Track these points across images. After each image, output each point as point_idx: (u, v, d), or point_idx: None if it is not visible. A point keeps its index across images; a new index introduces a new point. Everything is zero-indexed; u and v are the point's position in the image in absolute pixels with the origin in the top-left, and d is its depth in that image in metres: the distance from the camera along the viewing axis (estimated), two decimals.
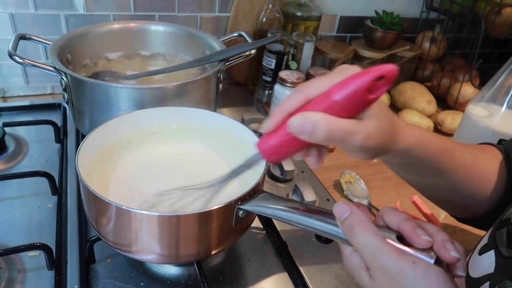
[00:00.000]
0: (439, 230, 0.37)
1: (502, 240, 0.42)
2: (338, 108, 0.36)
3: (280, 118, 0.38)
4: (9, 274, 0.55)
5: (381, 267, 0.35)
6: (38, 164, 0.75)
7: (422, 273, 0.34)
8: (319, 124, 0.35)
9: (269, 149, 0.39)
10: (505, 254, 0.41)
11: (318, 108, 0.36)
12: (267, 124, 0.39)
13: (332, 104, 0.36)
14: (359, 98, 0.35)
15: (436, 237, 0.36)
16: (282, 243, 0.63)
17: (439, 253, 0.35)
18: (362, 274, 0.37)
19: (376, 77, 0.34)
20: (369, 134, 0.37)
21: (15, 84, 0.96)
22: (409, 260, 0.35)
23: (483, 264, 0.44)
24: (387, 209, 0.39)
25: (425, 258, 0.35)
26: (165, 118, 0.64)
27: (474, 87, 1.06)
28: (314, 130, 0.35)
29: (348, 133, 0.36)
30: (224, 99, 1.01)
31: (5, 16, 0.87)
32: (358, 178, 0.80)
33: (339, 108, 0.36)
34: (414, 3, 1.21)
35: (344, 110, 0.36)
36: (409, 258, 0.35)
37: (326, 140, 0.36)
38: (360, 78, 0.35)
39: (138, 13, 0.96)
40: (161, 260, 0.51)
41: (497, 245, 0.43)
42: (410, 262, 0.34)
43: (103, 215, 0.48)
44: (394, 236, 0.37)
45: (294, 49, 0.98)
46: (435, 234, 0.36)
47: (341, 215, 0.39)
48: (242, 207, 0.47)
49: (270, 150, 0.40)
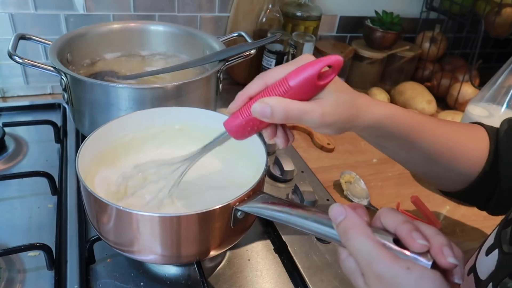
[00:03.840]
0: (437, 233, 0.36)
1: (505, 238, 0.42)
2: (293, 92, 0.42)
3: (243, 101, 0.45)
4: (9, 274, 0.55)
5: (375, 273, 0.34)
6: (38, 164, 0.75)
7: (417, 279, 0.33)
8: (276, 107, 0.42)
9: (234, 127, 0.46)
10: (506, 250, 0.41)
11: (275, 93, 0.43)
12: (231, 106, 0.46)
13: (287, 89, 0.42)
14: (310, 84, 0.42)
15: (434, 241, 0.35)
16: (282, 243, 0.63)
17: (436, 258, 0.34)
18: (357, 279, 0.36)
19: (324, 66, 0.40)
20: (323, 111, 0.43)
21: (15, 84, 0.96)
22: (404, 266, 0.33)
23: (489, 264, 0.43)
24: (384, 211, 0.39)
25: (422, 261, 0.34)
26: (167, 119, 0.64)
27: (474, 87, 1.06)
28: (273, 112, 0.42)
29: (303, 113, 0.43)
30: (224, 99, 1.00)
31: (5, 16, 0.86)
32: (358, 178, 0.80)
33: (294, 92, 0.42)
34: (414, 3, 1.21)
35: (298, 94, 0.42)
36: (404, 264, 0.33)
37: (285, 119, 0.43)
38: (310, 67, 0.41)
39: (138, 13, 0.96)
40: (161, 261, 0.51)
41: (501, 244, 0.43)
42: (405, 268, 0.33)
43: (103, 216, 0.48)
44: (391, 238, 0.36)
45: (294, 49, 0.98)
46: (432, 237, 0.35)
47: (336, 218, 0.38)
48: (239, 208, 0.47)
49: (235, 129, 0.46)
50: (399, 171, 0.86)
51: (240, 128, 0.46)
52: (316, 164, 0.85)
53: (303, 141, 0.93)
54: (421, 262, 0.34)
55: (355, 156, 0.90)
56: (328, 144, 0.90)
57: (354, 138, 0.97)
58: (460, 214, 0.77)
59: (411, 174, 0.86)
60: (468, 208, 0.78)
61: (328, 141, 0.91)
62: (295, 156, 0.84)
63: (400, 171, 0.86)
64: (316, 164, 0.85)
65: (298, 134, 0.96)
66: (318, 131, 0.46)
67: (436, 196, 0.81)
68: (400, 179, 0.85)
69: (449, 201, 0.80)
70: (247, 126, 0.45)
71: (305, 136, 0.95)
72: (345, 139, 0.96)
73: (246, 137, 0.47)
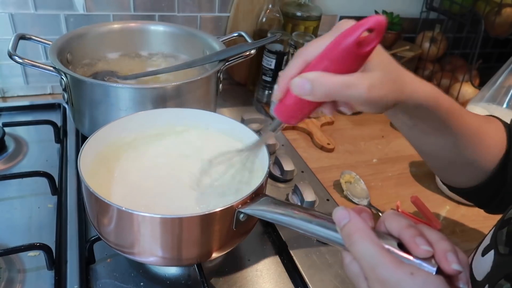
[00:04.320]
0: (442, 238, 0.35)
1: (501, 239, 0.42)
2: (335, 66, 0.37)
3: (285, 84, 0.40)
4: (9, 274, 0.55)
5: (378, 278, 0.34)
6: (38, 164, 0.75)
7: (420, 285, 0.32)
8: (316, 81, 0.37)
9: (284, 113, 0.42)
10: (501, 251, 0.41)
11: (316, 69, 0.38)
12: (275, 92, 0.42)
13: (328, 63, 0.38)
14: (352, 53, 0.37)
15: (438, 247, 0.34)
16: (282, 243, 0.63)
17: (440, 264, 0.33)
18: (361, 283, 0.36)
19: (363, 31, 0.35)
20: (370, 84, 0.38)
21: (15, 84, 0.96)
22: (407, 271, 0.33)
23: (485, 265, 0.43)
24: (388, 214, 0.38)
25: (426, 266, 0.33)
26: (169, 120, 0.64)
27: (474, 87, 1.06)
28: (313, 88, 0.37)
29: (347, 86, 0.37)
30: (224, 99, 1.01)
31: (5, 16, 0.86)
32: (358, 178, 0.80)
33: (336, 66, 0.37)
34: (414, 3, 1.21)
35: (341, 67, 0.37)
36: (408, 269, 0.33)
37: (328, 96, 0.38)
38: (348, 35, 0.36)
39: (138, 13, 0.96)
40: (162, 263, 0.51)
41: (496, 245, 0.43)
42: (408, 274, 0.33)
43: (104, 217, 0.48)
44: (395, 243, 0.35)
45: (294, 49, 0.98)
46: (436, 243, 0.34)
47: (340, 222, 0.37)
48: (242, 210, 0.47)
49: (285, 114, 0.42)
50: (399, 171, 0.86)
51: (290, 112, 0.42)
52: (316, 164, 0.85)
53: (303, 141, 0.93)
54: (426, 267, 0.33)
55: (355, 156, 0.90)
56: (328, 144, 0.90)
57: (354, 138, 0.98)
58: (460, 214, 0.77)
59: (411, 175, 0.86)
60: (468, 208, 0.78)
61: (328, 141, 0.91)
62: (295, 156, 0.84)
63: (400, 171, 0.86)
64: (316, 164, 0.85)
65: (298, 134, 0.96)
66: (362, 109, 0.41)
67: (436, 196, 0.81)
68: (400, 179, 0.85)
69: (449, 201, 0.80)
70: (296, 108, 0.41)
71: (305, 136, 0.95)
72: (345, 139, 0.96)
73: (301, 120, 0.43)
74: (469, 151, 0.52)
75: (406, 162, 0.89)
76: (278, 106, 0.42)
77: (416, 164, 0.88)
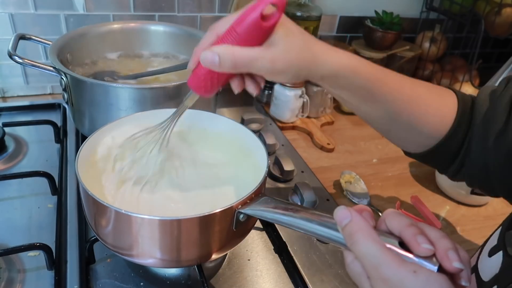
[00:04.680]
0: (443, 236, 0.35)
1: (510, 241, 0.42)
2: (241, 39, 0.41)
3: (197, 57, 0.44)
4: (9, 274, 0.55)
5: (381, 277, 0.34)
6: (38, 164, 0.75)
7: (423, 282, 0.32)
8: (223, 54, 0.41)
9: (196, 84, 0.46)
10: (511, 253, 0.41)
11: (224, 42, 0.42)
12: (189, 63, 0.45)
13: (235, 36, 0.41)
14: (256, 27, 0.40)
15: (439, 245, 0.34)
16: (282, 243, 0.63)
17: (441, 262, 0.33)
18: (364, 283, 0.36)
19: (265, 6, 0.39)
20: (273, 57, 0.41)
21: (15, 84, 0.96)
22: (410, 270, 0.33)
23: (492, 266, 0.43)
24: (389, 213, 0.38)
25: (428, 265, 0.33)
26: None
27: (474, 87, 1.06)
28: (221, 60, 0.41)
29: (252, 59, 0.41)
30: (224, 99, 1.01)
31: (5, 16, 0.86)
32: (358, 178, 0.80)
33: (242, 39, 0.41)
34: (414, 3, 1.21)
35: (247, 40, 0.41)
36: (410, 267, 0.33)
37: (235, 68, 0.42)
38: (253, 9, 0.40)
39: (138, 13, 0.96)
40: (162, 264, 0.51)
41: (505, 246, 0.42)
42: (411, 272, 0.33)
43: (102, 219, 0.47)
44: (396, 242, 0.35)
45: None
46: (437, 241, 0.34)
47: (341, 221, 0.37)
48: (242, 210, 0.47)
49: (198, 85, 0.46)
50: (399, 171, 0.86)
51: (202, 83, 0.45)
52: (316, 164, 0.85)
53: (303, 141, 0.93)
54: (427, 266, 0.33)
55: (355, 156, 0.90)
56: (328, 144, 0.90)
57: (354, 138, 0.98)
58: (460, 214, 0.77)
59: (411, 175, 0.86)
60: (468, 208, 0.78)
61: (328, 141, 0.91)
62: (295, 156, 0.84)
63: (400, 171, 0.86)
64: (316, 164, 0.85)
65: (298, 134, 0.96)
66: (272, 79, 0.44)
67: (436, 196, 0.81)
68: (400, 179, 0.85)
69: (449, 201, 0.80)
70: (207, 80, 0.45)
71: (305, 136, 0.95)
72: (345, 139, 0.96)
73: (212, 92, 0.47)
74: (403, 118, 0.52)
75: (406, 162, 0.89)
76: (191, 77, 0.46)
77: (416, 164, 0.87)
